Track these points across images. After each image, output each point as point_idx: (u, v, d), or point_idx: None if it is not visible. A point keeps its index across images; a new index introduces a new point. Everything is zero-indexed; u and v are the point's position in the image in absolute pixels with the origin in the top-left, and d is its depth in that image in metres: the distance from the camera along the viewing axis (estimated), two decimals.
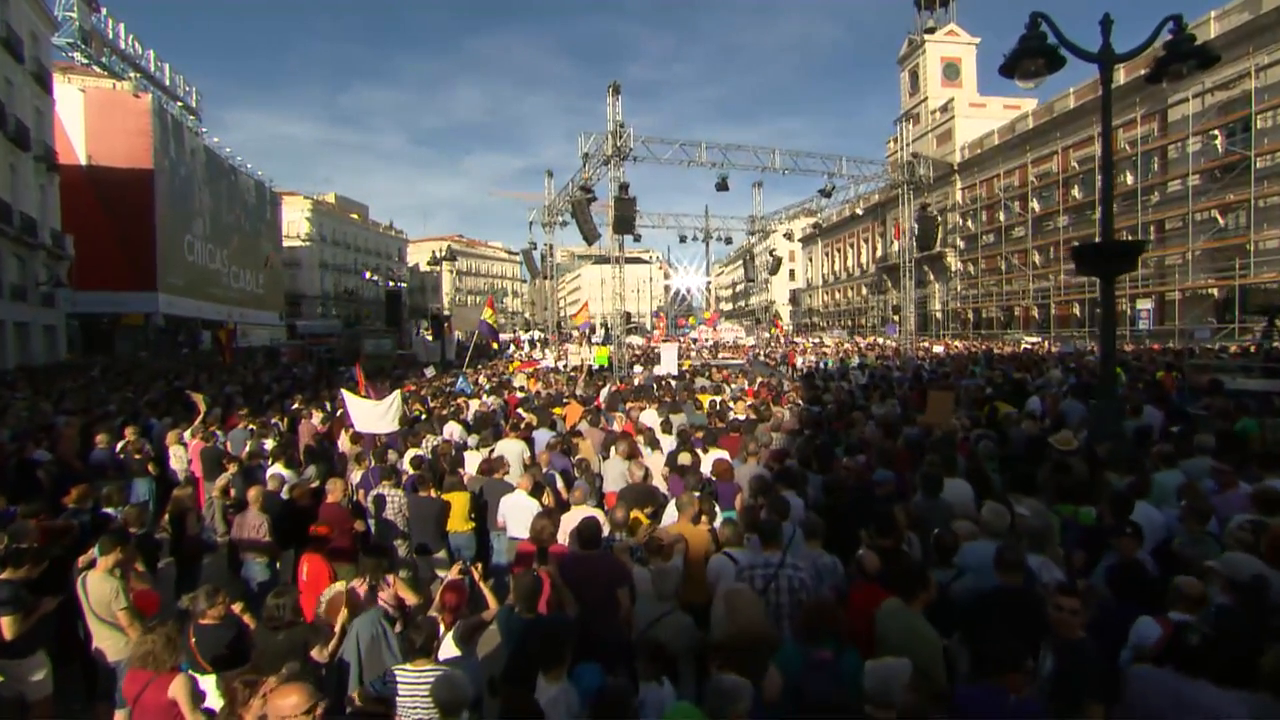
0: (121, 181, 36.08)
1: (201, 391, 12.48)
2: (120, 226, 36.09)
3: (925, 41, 52.41)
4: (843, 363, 20.64)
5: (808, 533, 4.54)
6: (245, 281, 51.91)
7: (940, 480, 5.05)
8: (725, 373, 17.28)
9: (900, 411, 9.58)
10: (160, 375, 18.94)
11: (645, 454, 8.26)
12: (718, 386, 13.56)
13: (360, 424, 10.12)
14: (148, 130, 37.08)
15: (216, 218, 47.32)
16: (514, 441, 8.33)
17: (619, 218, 17.97)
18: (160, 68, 44.41)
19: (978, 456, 6.31)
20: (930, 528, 4.64)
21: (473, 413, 12.81)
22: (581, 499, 5.81)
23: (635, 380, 16.35)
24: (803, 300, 78.44)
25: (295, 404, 13.24)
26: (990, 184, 44.95)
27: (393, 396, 10.14)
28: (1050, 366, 17.26)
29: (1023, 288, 41.19)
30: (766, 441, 7.35)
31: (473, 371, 18.91)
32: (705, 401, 12.28)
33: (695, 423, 9.77)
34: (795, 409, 9.93)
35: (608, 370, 20.09)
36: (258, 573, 5.50)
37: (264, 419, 11.71)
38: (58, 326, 28.46)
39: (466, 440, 9.20)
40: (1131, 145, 32.29)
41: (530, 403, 12.44)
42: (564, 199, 26.87)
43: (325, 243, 70.29)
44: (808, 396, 11.20)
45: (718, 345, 34.74)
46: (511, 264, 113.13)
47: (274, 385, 16.70)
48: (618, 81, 18.14)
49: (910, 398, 11.28)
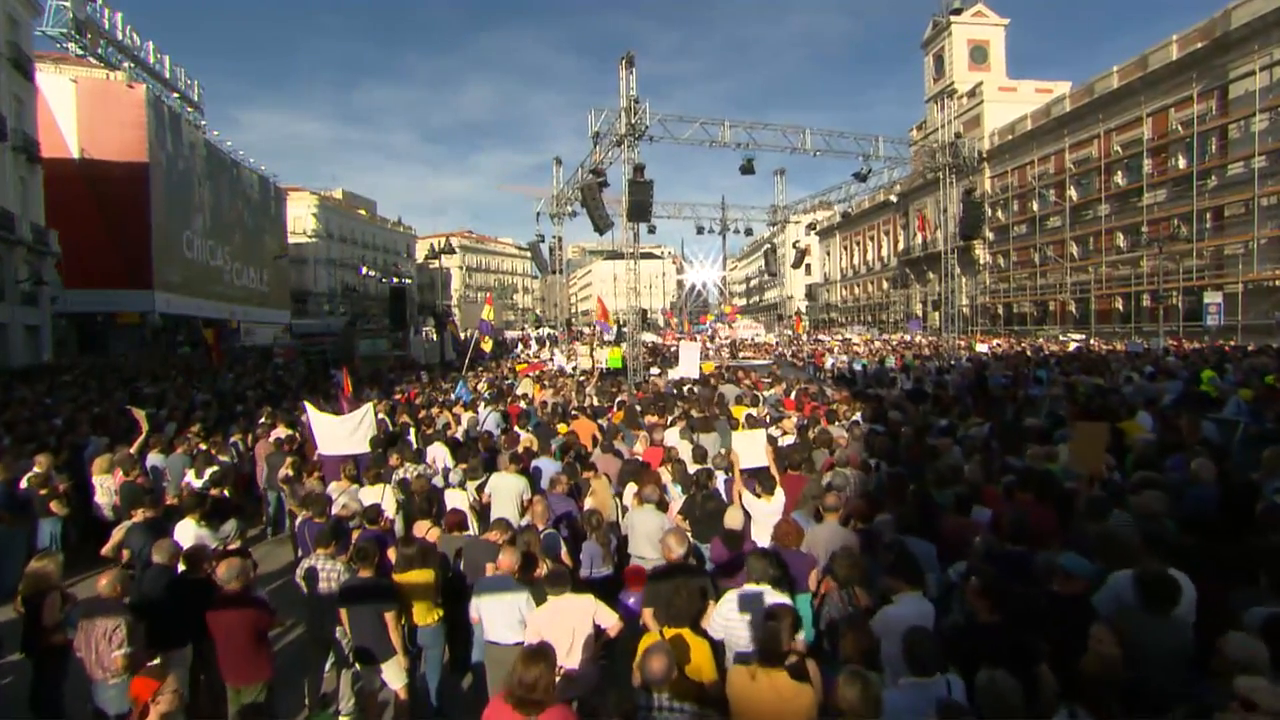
0: (115, 175, 34.68)
1: (143, 405, 10.71)
2: (114, 222, 34.71)
3: (951, 23, 50.02)
4: (881, 363, 18.61)
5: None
6: (249, 279, 50.63)
7: (1169, 586, 3.11)
8: (755, 376, 15.36)
9: (990, 434, 7.65)
10: (134, 378, 17.32)
11: (674, 494, 6.41)
12: (754, 396, 11.61)
13: (325, 444, 8.36)
14: (142, 122, 35.66)
15: (218, 213, 45.96)
16: (509, 477, 6.50)
17: (634, 203, 16.06)
18: (159, 59, 43.03)
19: (1161, 526, 4.32)
20: (1164, 668, 2.77)
21: (464, 424, 11.03)
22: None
23: (653, 385, 14.49)
24: (819, 295, 76.20)
25: (264, 416, 11.48)
26: (1023, 172, 42.57)
27: (364, 410, 8.36)
28: (1121, 369, 15.22)
29: (1059, 281, 38.86)
30: (842, 485, 5.50)
31: (473, 375, 17.15)
32: (739, 415, 10.38)
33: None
34: (854, 429, 8.00)
35: (621, 374, 18.25)
36: (111, 701, 3.72)
37: (219, 438, 9.98)
38: (42, 326, 27.06)
39: (450, 471, 7.39)
40: (1185, 126, 29.96)
41: (531, 417, 10.61)
42: (573, 188, 25.01)
43: (332, 239, 69.02)
44: (868, 412, 9.24)
45: (736, 343, 32.69)
46: (522, 259, 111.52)
47: (250, 392, 14.96)
48: (632, 52, 16.23)
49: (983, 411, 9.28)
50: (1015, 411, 9.67)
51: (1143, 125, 32.07)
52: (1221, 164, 28.14)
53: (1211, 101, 28.65)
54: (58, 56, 36.74)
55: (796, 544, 4.42)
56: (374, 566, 4.24)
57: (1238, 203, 27.55)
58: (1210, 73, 28.46)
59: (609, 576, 5.31)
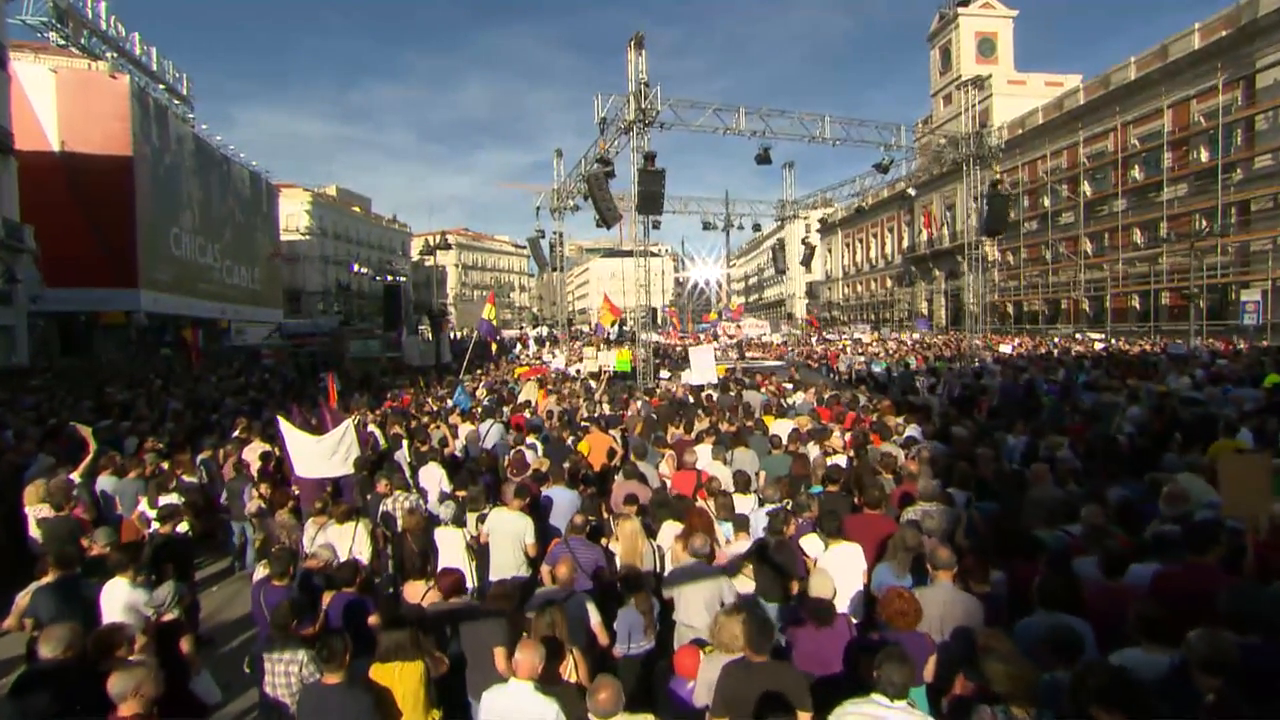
0: (98, 169, 33.35)
1: (109, 414, 9.54)
2: (98, 218, 33.36)
3: (958, 15, 48.88)
4: (906, 366, 17.47)
5: None
6: (240, 277, 49.32)
7: None
8: (777, 381, 14.20)
9: (1075, 459, 6.52)
10: (106, 383, 16.09)
11: (721, 536, 5.29)
12: (781, 404, 10.39)
13: (301, 465, 7.24)
14: (126, 114, 34.32)
15: (207, 209, 44.60)
16: (510, 516, 5.33)
17: (645, 194, 14.89)
18: (146, 51, 41.69)
19: None
20: None
21: (462, 440, 9.83)
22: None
23: (666, 391, 13.31)
24: (820, 293, 75.14)
25: (239, 429, 10.31)
26: (1034, 166, 41.55)
27: (344, 426, 7.24)
28: (1167, 373, 14.15)
29: (1071, 278, 37.84)
30: (934, 528, 4.39)
31: (471, 380, 15.98)
32: (770, 426, 9.25)
33: (775, 471, 6.76)
34: (921, 453, 6.79)
35: (630, 378, 17.08)
36: None
37: (187, 455, 8.83)
38: (17, 326, 25.76)
39: (445, 502, 6.24)
40: (1208, 118, 28.92)
41: (538, 429, 9.45)
42: (574, 180, 23.85)
43: (326, 236, 67.65)
44: (931, 429, 8.00)
45: (744, 343, 31.51)
46: (519, 258, 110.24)
47: (229, 399, 13.72)
48: (641, 33, 15.06)
49: (1072, 430, 8.10)
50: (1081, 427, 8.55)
51: (1162, 117, 31.02)
52: (1248, 156, 27.11)
53: (1237, 92, 27.60)
54: (37, 46, 35.38)
55: (915, 624, 3.31)
56: (343, 667, 3.10)
57: (1265, 196, 26.54)
58: (1236, 62, 27.41)
59: (650, 651, 4.19)
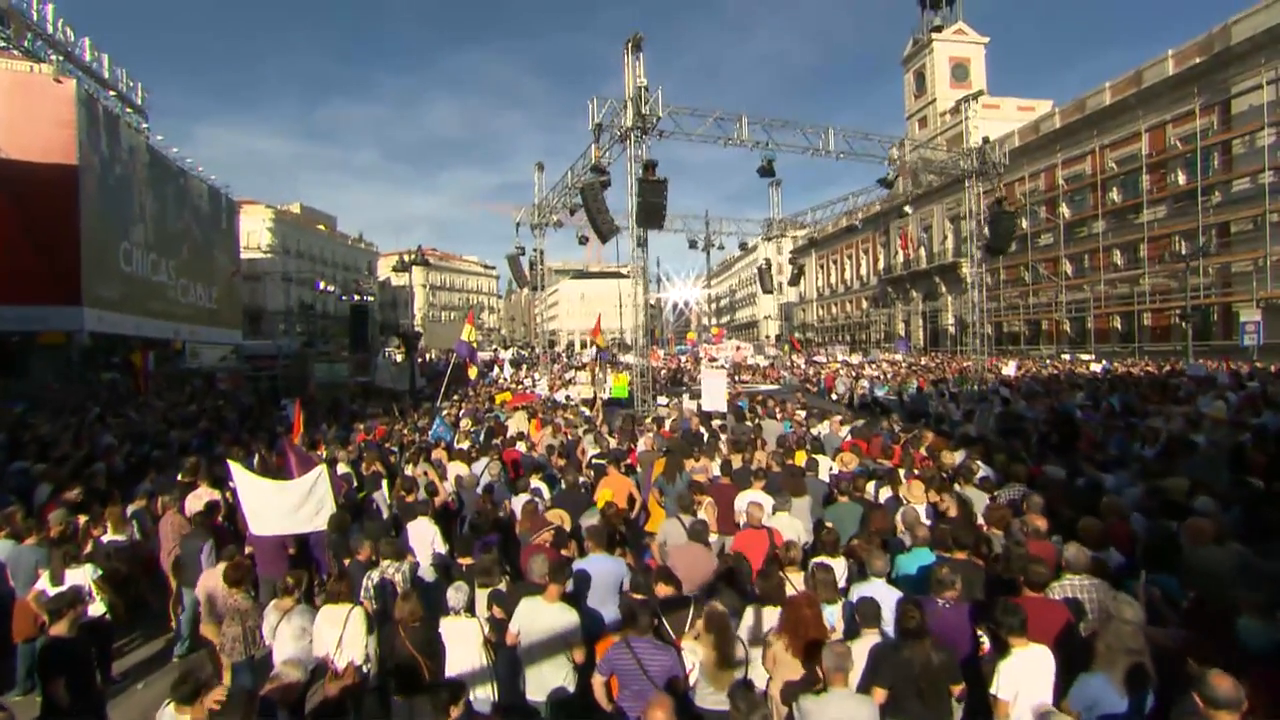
0: (39, 179, 31.07)
1: (22, 453, 7.91)
2: (38, 230, 30.94)
3: (932, 41, 49.65)
4: (919, 391, 16.55)
5: None
6: (197, 295, 46.68)
7: None
8: (791, 408, 13.05)
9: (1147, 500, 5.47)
10: (28, 413, 14.14)
11: (824, 622, 4.04)
12: (815, 439, 9.14)
13: (258, 521, 5.80)
14: (71, 120, 32.16)
15: (161, 224, 42.16)
16: (551, 611, 3.94)
17: (645, 205, 13.71)
18: (97, 57, 39.60)
19: None
20: None
21: (452, 480, 8.31)
22: None
23: (674, 421, 12.01)
24: (795, 315, 75.11)
25: (186, 469, 8.69)
26: (1011, 189, 41.82)
27: (315, 474, 5.81)
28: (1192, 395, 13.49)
29: (1052, 299, 37.97)
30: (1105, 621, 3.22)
31: (450, 407, 14.49)
32: (801, 461, 8.08)
33: (845, 525, 5.54)
34: (1032, 499, 5.55)
35: (627, 405, 15.77)
36: None
37: (116, 505, 7.24)
38: None
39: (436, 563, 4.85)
40: (1185, 141, 29.27)
41: (541, 468, 8.08)
42: (557, 194, 22.67)
43: (289, 255, 65.13)
44: (985, 476, 6.61)
45: (738, 367, 30.47)
46: (487, 278, 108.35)
47: (174, 433, 11.99)
48: (639, 34, 14.04)
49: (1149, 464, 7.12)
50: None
51: (1140, 141, 31.40)
52: (1226, 179, 27.40)
53: (1213, 116, 27.99)
54: None
55: None
56: None
57: (1245, 219, 26.78)
58: (1211, 88, 27.84)
59: None
